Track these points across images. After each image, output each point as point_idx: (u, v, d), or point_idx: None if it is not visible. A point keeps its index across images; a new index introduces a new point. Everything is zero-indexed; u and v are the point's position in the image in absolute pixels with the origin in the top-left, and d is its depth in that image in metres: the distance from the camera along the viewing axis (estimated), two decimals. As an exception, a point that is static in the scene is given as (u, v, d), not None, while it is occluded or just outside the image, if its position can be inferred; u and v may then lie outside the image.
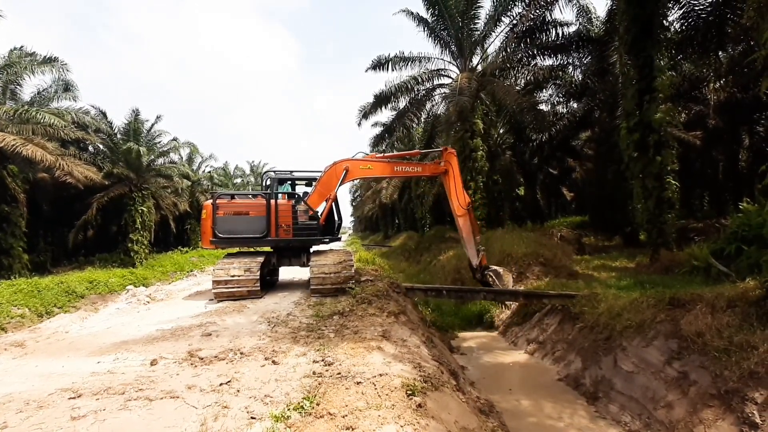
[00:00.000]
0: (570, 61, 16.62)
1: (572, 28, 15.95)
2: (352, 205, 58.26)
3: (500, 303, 10.96)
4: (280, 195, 9.77)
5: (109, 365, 4.87)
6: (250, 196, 11.14)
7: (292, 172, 10.33)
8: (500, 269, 10.06)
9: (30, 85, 16.50)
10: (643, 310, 6.65)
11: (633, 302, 6.98)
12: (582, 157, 22.55)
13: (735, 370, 4.78)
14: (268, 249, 10.01)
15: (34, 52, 13.34)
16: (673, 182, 10.13)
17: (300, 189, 10.57)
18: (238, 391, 3.94)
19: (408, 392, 3.70)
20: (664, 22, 10.45)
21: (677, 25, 11.40)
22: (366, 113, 18.77)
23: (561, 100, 19.42)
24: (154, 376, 4.40)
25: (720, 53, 12.59)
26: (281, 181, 10.28)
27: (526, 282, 11.46)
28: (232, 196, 10.33)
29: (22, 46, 13.48)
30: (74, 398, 3.86)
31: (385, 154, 10.68)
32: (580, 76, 16.81)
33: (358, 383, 3.84)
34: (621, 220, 14.82)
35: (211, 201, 9.49)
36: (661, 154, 9.98)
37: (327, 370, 4.29)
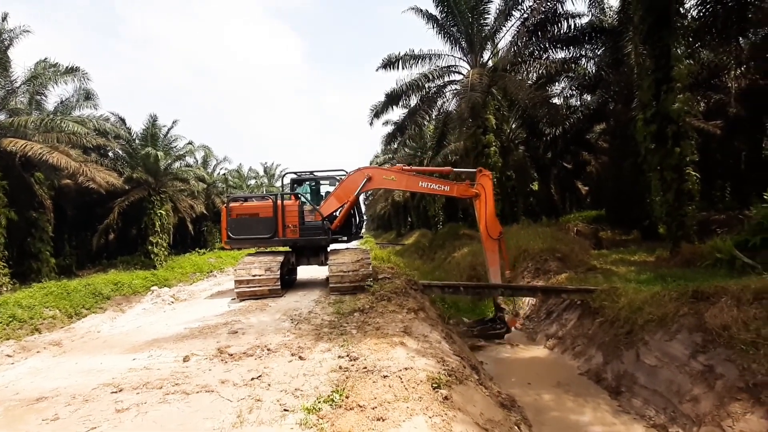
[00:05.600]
0: (583, 53, 16.39)
1: (584, 20, 15.77)
2: (364, 203, 58.42)
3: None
4: (289, 196, 9.97)
5: (144, 362, 5.08)
6: (261, 198, 11.38)
7: (312, 172, 10.47)
8: (506, 317, 9.79)
9: (54, 95, 17.05)
10: (666, 303, 6.57)
11: (654, 296, 6.90)
12: (597, 150, 22.24)
13: (764, 363, 4.73)
14: (286, 248, 10.19)
15: (57, 63, 13.76)
16: (693, 173, 9.93)
17: (324, 189, 10.72)
18: (269, 385, 4.08)
19: (434, 385, 3.79)
20: (681, 9, 10.24)
21: (694, 12, 11.14)
22: (377, 112, 18.81)
23: (574, 93, 19.20)
24: (188, 371, 4.58)
25: (741, 39, 12.26)
26: (300, 182, 10.45)
27: (544, 278, 11.41)
28: (246, 199, 10.60)
29: (46, 58, 13.93)
30: (116, 392, 4.06)
31: (413, 167, 10.43)
32: (593, 68, 16.56)
33: (384, 377, 3.93)
34: (638, 214, 14.58)
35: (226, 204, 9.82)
36: (680, 145, 9.80)
37: (353, 365, 4.40)
